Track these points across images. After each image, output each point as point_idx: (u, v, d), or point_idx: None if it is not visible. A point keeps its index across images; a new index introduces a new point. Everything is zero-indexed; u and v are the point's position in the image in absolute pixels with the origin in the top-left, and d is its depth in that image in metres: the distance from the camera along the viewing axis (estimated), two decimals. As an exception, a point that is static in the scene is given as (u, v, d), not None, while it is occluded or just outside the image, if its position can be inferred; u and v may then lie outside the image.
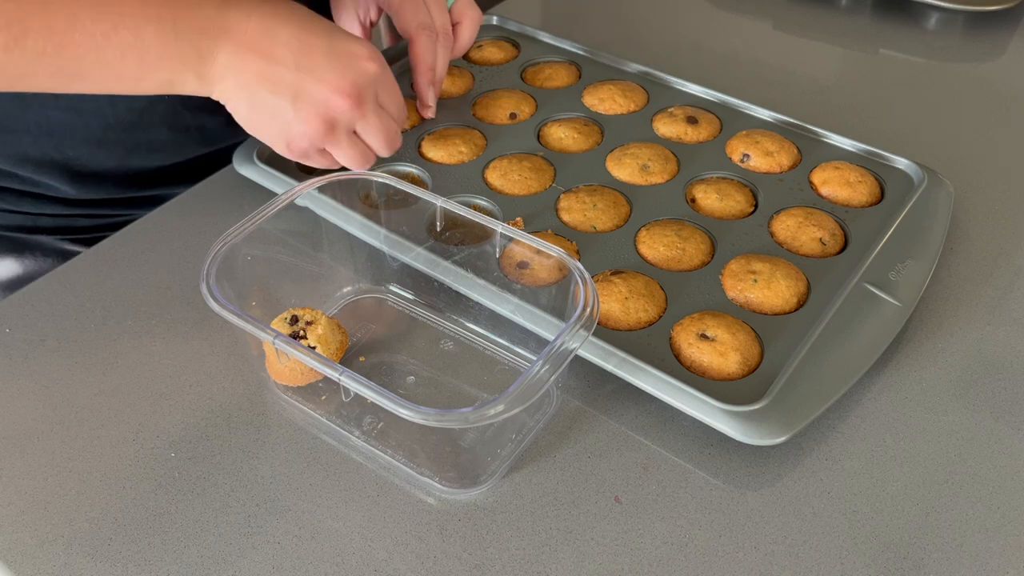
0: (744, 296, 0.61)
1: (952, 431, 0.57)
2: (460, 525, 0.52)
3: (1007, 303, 0.66)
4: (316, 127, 0.60)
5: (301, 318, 0.58)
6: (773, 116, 0.79)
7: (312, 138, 0.61)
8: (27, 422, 0.57)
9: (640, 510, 0.53)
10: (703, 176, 0.73)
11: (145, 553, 0.50)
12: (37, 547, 0.51)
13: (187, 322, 0.63)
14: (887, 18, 1.04)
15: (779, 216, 0.69)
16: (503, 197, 0.70)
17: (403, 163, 0.74)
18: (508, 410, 0.47)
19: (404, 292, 0.65)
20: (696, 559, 0.50)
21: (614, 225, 0.68)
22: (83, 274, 0.68)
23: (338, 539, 0.51)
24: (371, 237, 0.65)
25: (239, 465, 0.55)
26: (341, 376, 0.49)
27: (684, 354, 0.57)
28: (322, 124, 0.60)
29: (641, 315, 0.60)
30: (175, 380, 0.60)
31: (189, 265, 0.68)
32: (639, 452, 0.55)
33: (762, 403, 0.53)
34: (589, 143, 0.76)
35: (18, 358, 0.61)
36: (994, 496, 0.53)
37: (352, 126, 0.62)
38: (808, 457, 0.55)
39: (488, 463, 0.54)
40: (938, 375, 0.60)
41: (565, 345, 0.49)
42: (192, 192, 0.75)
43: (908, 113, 0.87)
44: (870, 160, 0.74)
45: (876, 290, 0.62)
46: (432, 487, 0.53)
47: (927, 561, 0.50)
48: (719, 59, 0.95)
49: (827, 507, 0.53)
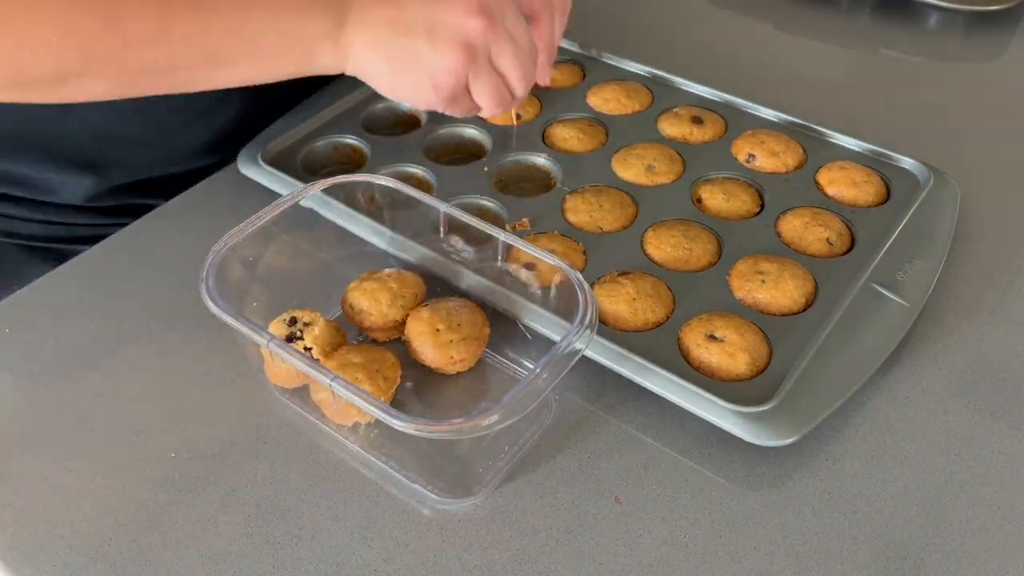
0: (752, 296, 0.61)
1: (952, 431, 0.57)
2: (460, 525, 0.51)
3: (1008, 303, 0.66)
4: (457, 56, 0.59)
5: (299, 319, 0.57)
6: (778, 116, 0.78)
7: (455, 70, 0.59)
8: (27, 422, 0.57)
9: (640, 510, 0.52)
10: (709, 176, 0.73)
11: (145, 553, 0.50)
12: (37, 547, 0.50)
13: (187, 322, 0.63)
14: (887, 18, 1.03)
15: (785, 216, 0.68)
16: (509, 199, 0.70)
17: (409, 165, 0.73)
18: (503, 420, 0.46)
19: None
20: (696, 559, 0.50)
21: (620, 226, 0.67)
22: (83, 274, 0.67)
23: (337, 539, 0.51)
24: (375, 239, 0.65)
25: (239, 465, 0.54)
26: (332, 382, 0.48)
27: (693, 355, 0.57)
28: (462, 51, 0.59)
29: (649, 316, 0.59)
30: (175, 380, 0.59)
31: (190, 265, 0.67)
32: (639, 452, 0.55)
33: (772, 404, 0.53)
34: (594, 143, 0.76)
35: (18, 358, 0.61)
36: (994, 496, 0.53)
37: (489, 51, 0.60)
38: (808, 457, 0.55)
39: (481, 474, 0.53)
40: (938, 375, 0.60)
41: (563, 354, 0.49)
42: (194, 192, 0.75)
43: (908, 113, 0.87)
44: (876, 160, 0.74)
45: (884, 290, 0.61)
46: (426, 496, 0.53)
47: (927, 561, 0.50)
48: (721, 59, 0.95)
49: (827, 507, 0.52)
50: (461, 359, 0.57)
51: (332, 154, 0.77)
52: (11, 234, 0.78)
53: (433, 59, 0.59)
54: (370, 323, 0.59)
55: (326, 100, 0.79)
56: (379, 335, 0.61)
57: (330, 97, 0.80)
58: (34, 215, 0.78)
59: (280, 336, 0.56)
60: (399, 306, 0.59)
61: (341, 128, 0.77)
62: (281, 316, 0.58)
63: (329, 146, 0.76)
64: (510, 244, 0.58)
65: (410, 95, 0.62)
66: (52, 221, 0.78)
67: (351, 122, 0.78)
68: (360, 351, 0.56)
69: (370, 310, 0.59)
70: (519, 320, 0.59)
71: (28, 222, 0.78)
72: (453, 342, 0.57)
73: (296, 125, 0.76)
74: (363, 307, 0.59)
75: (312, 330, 0.56)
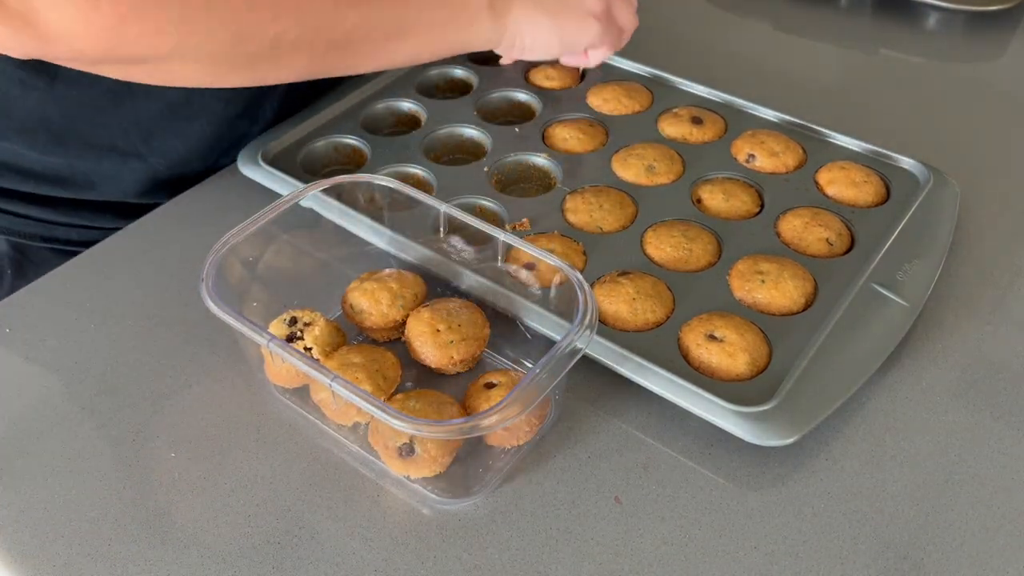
0: (752, 296, 0.61)
1: (952, 431, 0.57)
2: (460, 525, 0.51)
3: (1008, 303, 0.66)
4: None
5: (300, 319, 0.57)
6: (778, 116, 0.78)
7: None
8: (27, 422, 0.57)
9: (640, 510, 0.52)
10: (709, 176, 0.73)
11: (145, 553, 0.50)
12: (37, 547, 0.50)
13: (187, 322, 0.63)
14: (887, 18, 1.03)
15: (785, 216, 0.68)
16: (509, 199, 0.70)
17: (409, 165, 0.73)
18: (503, 421, 0.46)
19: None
20: (696, 559, 0.50)
21: (620, 226, 0.67)
22: (83, 274, 0.67)
23: (337, 539, 0.51)
24: (375, 239, 0.65)
25: (239, 465, 0.54)
26: (332, 382, 0.48)
27: (693, 355, 0.57)
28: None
29: (649, 316, 0.59)
30: (175, 380, 0.59)
31: (190, 265, 0.67)
32: (639, 452, 0.55)
33: (772, 404, 0.53)
34: (594, 144, 0.76)
35: (18, 358, 0.61)
36: (994, 496, 0.53)
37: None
38: (808, 457, 0.55)
39: (481, 474, 0.53)
40: (938, 375, 0.60)
41: (563, 354, 0.49)
42: (194, 192, 0.75)
43: (908, 113, 0.87)
44: (875, 160, 0.74)
45: (884, 290, 0.61)
46: (426, 496, 0.53)
47: (927, 561, 0.50)
48: (721, 59, 0.95)
49: (827, 507, 0.52)
50: (461, 359, 0.57)
51: (332, 154, 0.77)
52: (50, 239, 0.78)
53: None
54: (370, 323, 0.59)
55: (326, 100, 0.79)
56: (379, 335, 0.61)
57: (330, 97, 0.80)
58: (72, 219, 0.78)
59: (280, 336, 0.56)
60: (399, 306, 0.59)
61: (341, 128, 0.77)
62: (281, 316, 0.58)
63: (329, 146, 0.76)
64: (510, 244, 0.58)
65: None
66: (91, 225, 0.78)
67: (351, 122, 0.78)
68: (360, 351, 0.56)
69: (370, 310, 0.59)
70: (519, 320, 0.59)
71: (67, 227, 0.78)
72: (453, 342, 0.57)
73: (296, 125, 0.76)
74: (363, 307, 0.59)
75: (312, 330, 0.56)
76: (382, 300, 0.59)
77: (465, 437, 0.52)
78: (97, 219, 0.78)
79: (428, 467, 0.52)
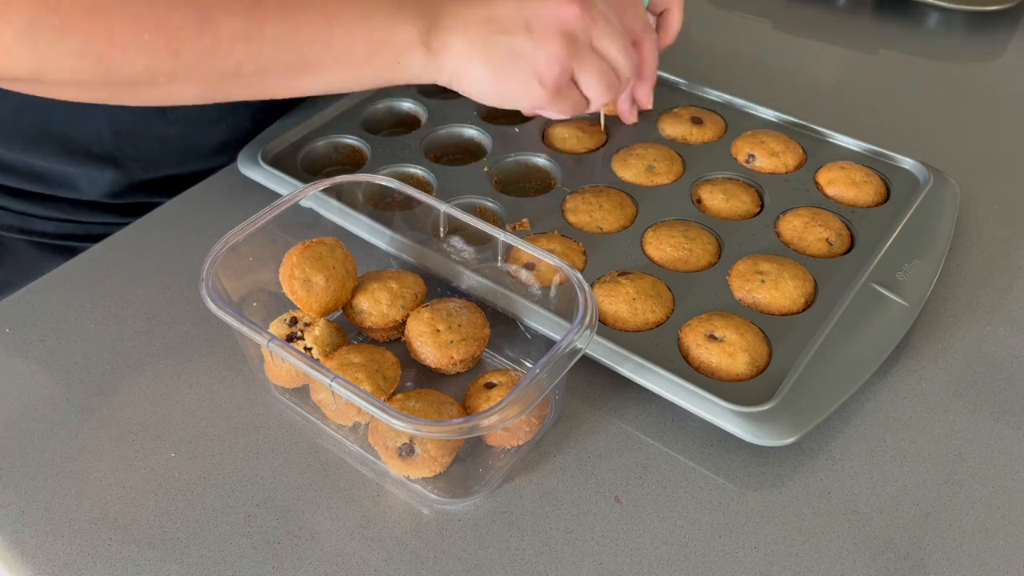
0: (752, 296, 0.61)
1: (952, 431, 0.57)
2: (460, 525, 0.51)
3: (1008, 303, 0.66)
4: (559, 45, 0.58)
5: (300, 320, 0.57)
6: (778, 116, 0.78)
7: (560, 58, 0.58)
8: (27, 422, 0.57)
9: (640, 510, 0.52)
10: (709, 176, 0.73)
11: (145, 553, 0.50)
12: (37, 547, 0.50)
13: (187, 322, 0.63)
14: (887, 18, 1.04)
15: (785, 216, 0.68)
16: (509, 199, 0.70)
17: (409, 165, 0.73)
18: (502, 422, 0.46)
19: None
20: (696, 559, 0.50)
21: (620, 226, 0.67)
22: (83, 274, 0.67)
23: (337, 539, 0.51)
24: (375, 239, 0.65)
25: (239, 465, 0.54)
26: (332, 382, 0.48)
27: (692, 355, 0.57)
28: (563, 40, 0.58)
29: (649, 316, 0.59)
30: (175, 380, 0.59)
31: (190, 265, 0.67)
32: (640, 452, 0.55)
33: (771, 404, 0.53)
34: (594, 143, 0.76)
35: (18, 358, 0.61)
36: (994, 496, 0.53)
37: (589, 36, 0.60)
38: (808, 457, 0.55)
39: (481, 474, 0.53)
40: (938, 375, 0.60)
41: (563, 354, 0.49)
42: (194, 192, 0.75)
43: (908, 113, 0.87)
44: (875, 160, 0.74)
45: (883, 290, 0.61)
46: (426, 496, 0.53)
47: (927, 561, 0.50)
48: (720, 59, 0.95)
49: (827, 507, 0.52)
50: (461, 359, 0.57)
51: (332, 154, 0.77)
52: (27, 231, 0.79)
53: (535, 52, 0.58)
54: (370, 323, 0.59)
55: (326, 100, 0.79)
56: (379, 335, 0.61)
57: (330, 97, 0.80)
58: (50, 212, 0.78)
59: (280, 336, 0.56)
60: (399, 306, 0.59)
61: (341, 128, 0.77)
62: (281, 316, 0.58)
63: (329, 146, 0.76)
64: (510, 244, 0.58)
65: (516, 94, 0.61)
66: (67, 219, 0.78)
67: (351, 122, 0.78)
68: (360, 351, 0.56)
69: (370, 310, 0.59)
70: (519, 320, 0.59)
71: (44, 219, 0.78)
72: (453, 342, 0.57)
73: (296, 125, 0.76)
74: (363, 307, 0.59)
75: (312, 330, 0.56)
76: (382, 300, 0.59)
77: (465, 437, 0.52)
78: (75, 213, 0.78)
79: (428, 467, 0.52)
